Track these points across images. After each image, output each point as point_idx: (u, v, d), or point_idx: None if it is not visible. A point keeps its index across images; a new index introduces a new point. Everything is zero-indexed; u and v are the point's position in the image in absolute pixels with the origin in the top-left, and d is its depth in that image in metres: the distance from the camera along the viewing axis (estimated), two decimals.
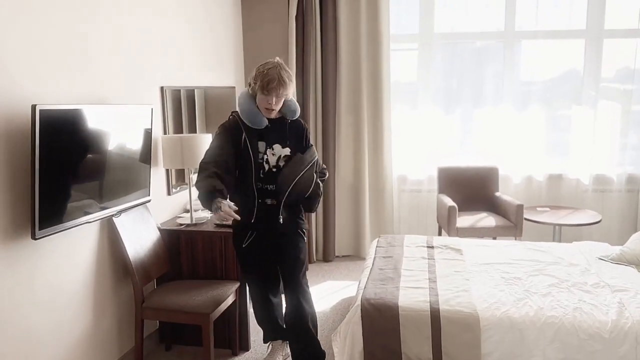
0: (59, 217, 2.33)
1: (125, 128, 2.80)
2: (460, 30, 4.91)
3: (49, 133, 2.20)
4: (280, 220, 2.68)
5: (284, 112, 2.68)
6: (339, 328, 2.89)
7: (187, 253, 3.24)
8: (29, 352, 2.34)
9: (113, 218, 2.82)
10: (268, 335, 3.08)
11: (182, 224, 3.31)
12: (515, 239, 4.33)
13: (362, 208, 4.94)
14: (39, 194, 2.17)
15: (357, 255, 5.04)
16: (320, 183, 2.80)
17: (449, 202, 4.36)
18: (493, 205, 4.70)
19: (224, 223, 3.03)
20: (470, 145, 5.04)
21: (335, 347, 2.91)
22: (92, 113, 2.48)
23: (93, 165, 2.55)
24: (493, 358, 2.55)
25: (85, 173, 2.50)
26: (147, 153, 3.02)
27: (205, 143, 3.25)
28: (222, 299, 2.92)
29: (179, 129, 3.60)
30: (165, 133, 3.41)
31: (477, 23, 4.89)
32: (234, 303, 3.17)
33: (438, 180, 4.79)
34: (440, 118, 4.99)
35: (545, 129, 4.93)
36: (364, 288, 2.94)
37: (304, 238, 2.85)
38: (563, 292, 2.85)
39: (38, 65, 2.33)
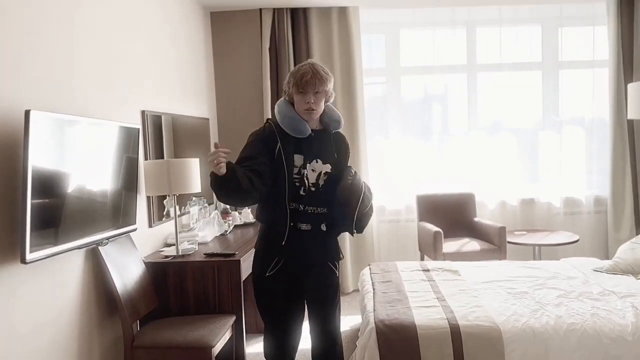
0: (51, 238, 2.06)
1: (112, 147, 2.58)
2: (426, 64, 5.03)
3: (44, 142, 1.97)
4: (320, 228, 2.25)
5: (327, 121, 2.30)
6: (354, 355, 2.69)
7: (175, 287, 2.97)
8: None
9: (99, 247, 2.55)
10: None
11: (168, 256, 3.05)
12: (500, 261, 4.31)
13: (342, 242, 4.78)
14: (31, 210, 1.91)
15: None
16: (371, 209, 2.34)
17: (433, 227, 4.32)
18: (473, 230, 4.70)
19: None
20: (445, 174, 5.07)
21: None
22: (84, 126, 2.27)
23: (84, 183, 2.31)
24: None
25: (76, 190, 2.26)
26: (132, 177, 2.79)
27: (194, 169, 3.07)
28: (222, 332, 2.66)
29: (160, 156, 3.39)
30: (147, 159, 3.19)
31: (441, 57, 5.04)
32: (231, 339, 2.90)
33: (417, 208, 4.76)
34: (413, 148, 5.02)
35: (515, 156, 5.06)
36: (374, 310, 2.79)
37: (337, 272, 2.38)
38: (573, 301, 2.82)
39: (26, 72, 2.12)
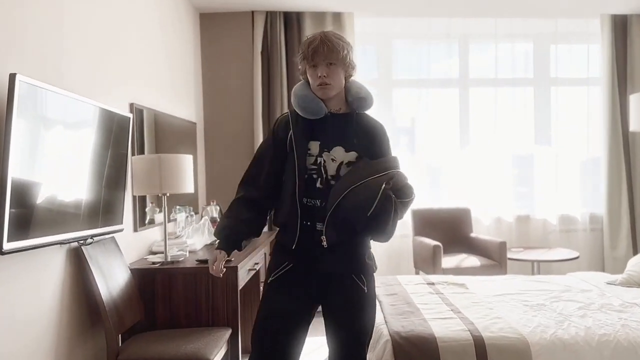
0: (32, 226, 1.76)
1: (101, 134, 2.30)
2: (418, 77, 4.92)
3: (29, 114, 1.70)
4: (324, 243, 1.82)
5: (351, 99, 1.90)
6: None
7: (163, 297, 2.66)
8: None
9: (82, 247, 2.24)
10: None
11: (155, 262, 2.75)
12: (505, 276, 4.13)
13: None
14: (11, 191, 1.62)
15: None
16: (401, 204, 1.82)
17: (432, 242, 4.12)
18: (470, 246, 4.52)
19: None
20: (439, 189, 4.92)
21: None
22: (75, 104, 2.00)
23: (68, 170, 2.03)
24: None
25: (59, 176, 1.97)
26: (121, 172, 2.51)
27: (187, 166, 2.80)
28: (219, 346, 2.37)
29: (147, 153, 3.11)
30: (134, 154, 2.90)
31: (433, 70, 4.95)
32: (225, 355, 2.60)
33: (413, 223, 4.56)
34: (406, 162, 4.85)
35: (510, 172, 4.94)
36: (386, 322, 2.54)
37: (365, 288, 1.88)
38: (597, 313, 2.64)
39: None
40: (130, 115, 2.56)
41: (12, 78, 1.64)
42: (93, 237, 2.27)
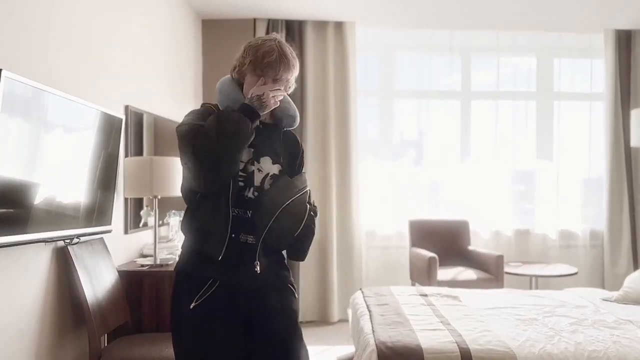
0: (16, 222, 1.76)
1: (91, 133, 2.31)
2: (420, 88, 4.91)
3: (14, 110, 1.70)
4: (257, 268, 1.65)
5: (280, 115, 1.78)
6: None
7: (150, 300, 2.65)
8: None
9: (68, 247, 2.24)
10: None
11: (144, 265, 2.74)
12: (500, 290, 4.08)
13: (329, 268, 4.51)
14: None
15: (323, 321, 4.53)
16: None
17: (428, 253, 4.08)
18: (467, 259, 4.47)
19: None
20: (438, 201, 4.89)
21: None
22: (61, 102, 2.01)
23: (57, 168, 2.03)
24: None
25: (45, 175, 1.97)
26: (111, 173, 2.51)
27: (179, 168, 2.79)
28: None
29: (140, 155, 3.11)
30: (127, 156, 2.90)
31: (436, 82, 4.94)
32: None
33: (410, 234, 4.52)
34: (406, 173, 4.83)
35: (510, 185, 4.90)
36: (373, 332, 2.51)
37: (296, 297, 1.81)
38: (589, 329, 2.59)
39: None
40: (123, 117, 2.56)
41: None
42: (79, 236, 2.26)
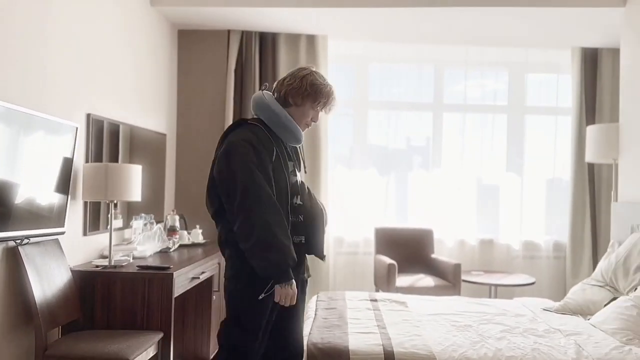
0: None
1: (43, 143, 2.47)
2: (393, 99, 5.06)
3: None
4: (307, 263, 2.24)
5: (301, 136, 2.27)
6: None
7: (102, 299, 2.80)
8: None
9: (19, 247, 2.39)
10: None
11: (98, 266, 2.89)
12: (452, 297, 4.21)
13: None
14: None
15: None
16: None
17: (388, 260, 4.22)
18: (430, 267, 4.60)
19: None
20: (405, 209, 5.02)
21: None
22: (9, 113, 2.16)
23: (7, 173, 2.19)
24: None
25: None
26: (65, 179, 2.67)
27: (135, 175, 2.95)
28: (143, 348, 2.49)
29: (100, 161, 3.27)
30: (88, 161, 3.06)
31: (409, 94, 5.09)
32: (155, 357, 2.72)
33: (375, 241, 4.66)
34: (376, 182, 4.97)
35: (477, 196, 5.03)
36: (309, 334, 2.65)
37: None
38: (517, 336, 2.72)
39: None
40: (77, 125, 2.72)
41: None
42: (29, 237, 2.42)
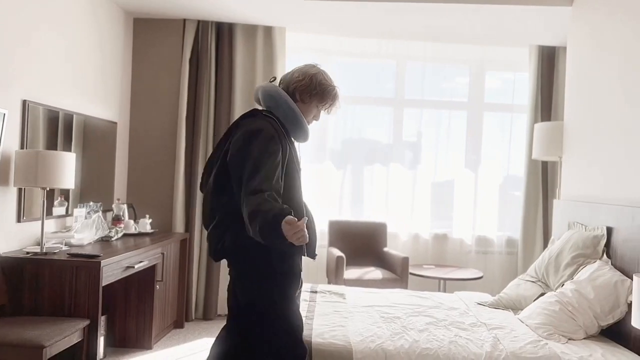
0: None
1: None
2: (354, 94, 5.07)
3: None
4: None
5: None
6: None
7: (30, 286, 2.80)
8: None
9: None
10: None
11: (29, 252, 2.89)
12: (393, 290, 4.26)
13: None
14: None
15: None
16: None
17: (337, 252, 4.25)
18: (381, 260, 4.64)
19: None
20: (361, 202, 5.05)
21: None
22: None
23: None
24: None
25: None
26: None
27: (68, 162, 2.94)
28: (63, 335, 2.50)
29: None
30: (23, 148, 3.04)
31: (370, 89, 5.11)
32: (81, 344, 2.73)
33: (329, 234, 4.69)
34: (333, 174, 5.00)
35: (432, 191, 5.07)
36: None
37: None
38: (440, 329, 2.76)
39: None
40: (5, 111, 2.71)
41: None
42: None
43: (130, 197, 4.50)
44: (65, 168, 2.93)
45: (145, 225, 4.03)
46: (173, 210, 4.45)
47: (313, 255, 2.12)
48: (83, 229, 3.32)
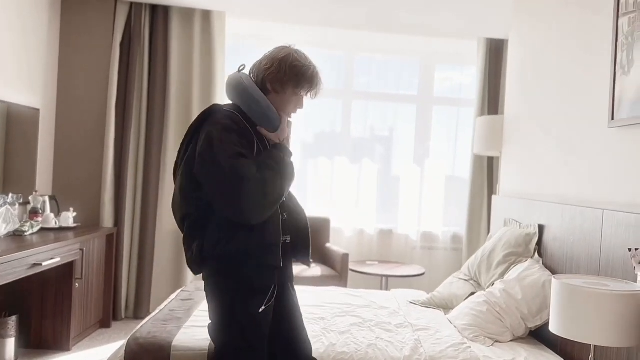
0: None
1: None
2: None
3: None
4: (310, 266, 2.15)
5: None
6: None
7: None
8: None
9: None
10: None
11: None
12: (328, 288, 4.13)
13: (183, 262, 4.46)
14: None
15: None
16: None
17: None
18: (323, 256, 4.50)
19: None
20: (305, 197, 4.89)
21: None
22: None
23: None
24: None
25: None
26: None
27: None
28: None
29: None
30: None
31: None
32: None
33: None
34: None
35: (377, 185, 4.95)
36: (140, 328, 2.47)
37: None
38: (363, 330, 2.63)
39: None
40: None
41: None
42: None
43: (56, 189, 4.23)
44: None
45: (68, 219, 3.78)
46: (100, 204, 4.20)
47: (308, 262, 2.05)
48: None
